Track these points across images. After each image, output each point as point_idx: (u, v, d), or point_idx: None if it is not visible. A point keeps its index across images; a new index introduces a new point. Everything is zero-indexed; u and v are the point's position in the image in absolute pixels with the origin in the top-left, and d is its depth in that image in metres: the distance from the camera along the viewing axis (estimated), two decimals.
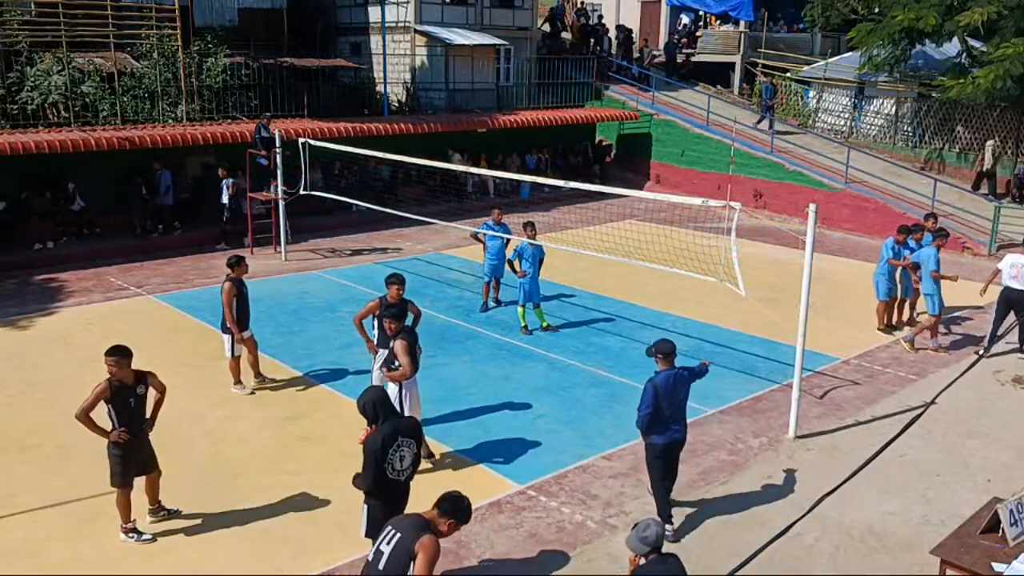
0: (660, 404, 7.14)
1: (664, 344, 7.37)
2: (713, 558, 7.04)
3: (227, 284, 10.07)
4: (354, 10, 26.03)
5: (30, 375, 10.83)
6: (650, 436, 7.28)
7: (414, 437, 6.20)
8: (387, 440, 5.98)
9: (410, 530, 4.85)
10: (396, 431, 6.05)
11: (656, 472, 7.40)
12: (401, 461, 6.06)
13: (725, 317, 13.30)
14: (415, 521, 4.95)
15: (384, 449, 5.96)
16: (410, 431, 6.20)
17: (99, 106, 18.35)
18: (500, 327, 12.94)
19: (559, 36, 31.05)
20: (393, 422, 6.11)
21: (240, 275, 10.22)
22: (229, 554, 7.06)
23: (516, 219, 20.46)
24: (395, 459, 6.02)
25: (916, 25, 20.88)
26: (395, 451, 6.01)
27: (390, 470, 6.01)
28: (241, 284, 10.22)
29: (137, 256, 16.79)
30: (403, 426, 6.18)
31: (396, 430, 6.05)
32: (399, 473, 6.09)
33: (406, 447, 6.08)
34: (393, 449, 5.99)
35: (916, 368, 11.68)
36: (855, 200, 20.82)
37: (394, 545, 4.82)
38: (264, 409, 9.87)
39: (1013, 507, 5.97)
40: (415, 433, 6.28)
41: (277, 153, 16.23)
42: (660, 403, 7.14)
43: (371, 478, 6.00)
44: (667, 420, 7.22)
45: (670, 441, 7.32)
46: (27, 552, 7.03)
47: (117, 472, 7.10)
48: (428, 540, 4.80)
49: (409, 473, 6.19)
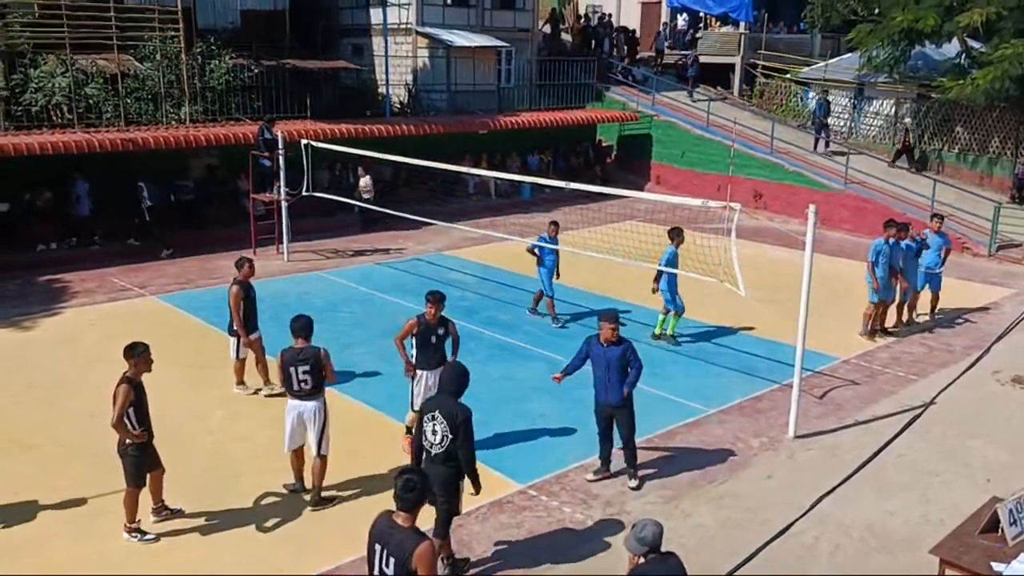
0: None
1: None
2: (713, 557, 7.07)
3: (234, 288, 10.09)
4: (356, 12, 26.06)
5: (33, 375, 10.88)
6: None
7: (447, 416, 6.37)
8: (424, 408, 6.58)
9: (399, 547, 4.68)
10: (433, 404, 6.53)
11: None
12: (434, 434, 6.39)
13: (725, 317, 13.34)
14: (399, 536, 4.72)
15: (420, 417, 6.57)
16: (445, 407, 6.46)
17: (103, 108, 18.41)
18: (501, 327, 12.97)
19: (559, 38, 31.11)
20: (440, 397, 6.63)
21: (247, 277, 10.23)
22: (232, 554, 7.10)
23: (516, 219, 20.57)
24: (427, 430, 6.42)
25: (915, 26, 20.92)
26: (427, 422, 6.43)
27: (425, 440, 6.45)
28: (248, 287, 10.23)
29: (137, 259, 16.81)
30: (441, 401, 6.53)
31: (434, 403, 6.55)
32: (431, 446, 6.43)
33: (436, 422, 6.37)
34: (426, 420, 6.45)
35: (916, 368, 11.72)
36: (855, 201, 20.85)
37: (395, 569, 4.69)
38: (266, 408, 9.91)
39: (1012, 507, 5.99)
40: (451, 412, 6.43)
41: (280, 154, 16.28)
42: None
43: (418, 442, 6.64)
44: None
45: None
46: (29, 551, 7.06)
47: (133, 472, 7.12)
48: (423, 551, 4.63)
49: (441, 450, 6.39)
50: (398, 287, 15.03)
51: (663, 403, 10.11)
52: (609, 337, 7.89)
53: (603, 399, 8.09)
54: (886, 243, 12.52)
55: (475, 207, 21.88)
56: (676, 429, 9.58)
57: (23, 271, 15.54)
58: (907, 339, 12.90)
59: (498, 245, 17.67)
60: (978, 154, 22.31)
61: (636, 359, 7.99)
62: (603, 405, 8.13)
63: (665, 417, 9.71)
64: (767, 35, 28.94)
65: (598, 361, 8.00)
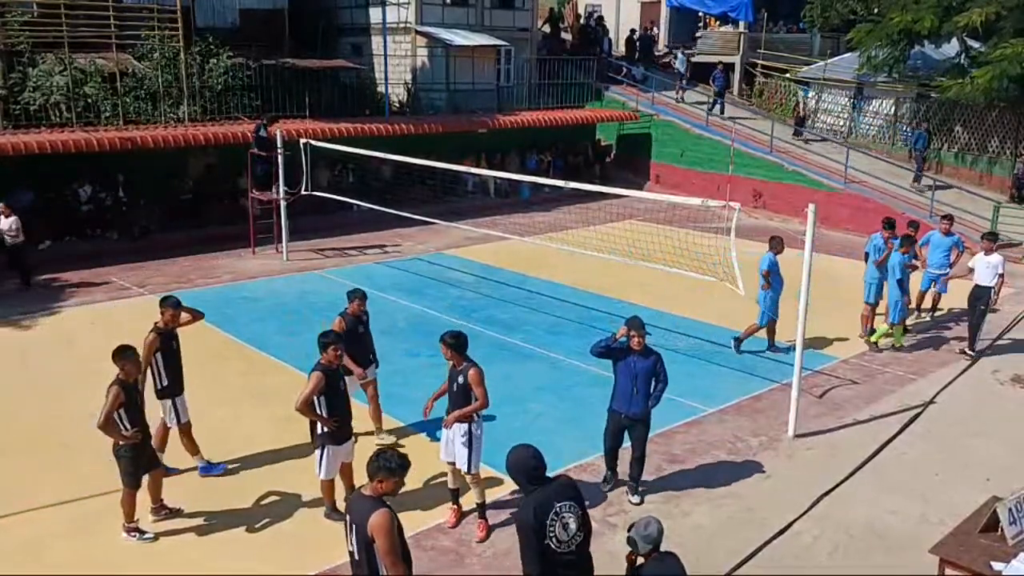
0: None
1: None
2: (713, 557, 7.07)
3: (337, 318, 8.83)
4: (355, 11, 26.05)
5: (33, 375, 10.87)
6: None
7: (573, 499, 5.17)
8: (540, 510, 5.00)
9: (360, 515, 4.76)
10: (548, 497, 5.06)
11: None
12: (565, 529, 5.05)
13: (724, 316, 13.34)
14: (362, 504, 4.82)
15: (540, 522, 4.97)
16: (566, 493, 5.18)
17: (101, 107, 18.39)
18: (501, 327, 12.97)
19: (559, 37, 31.10)
20: (542, 488, 5.12)
21: (355, 314, 8.94)
22: (231, 553, 7.10)
23: (516, 219, 20.59)
24: (556, 529, 5.02)
25: (913, 27, 20.93)
26: (553, 521, 5.01)
27: (554, 543, 5.01)
28: (354, 320, 8.87)
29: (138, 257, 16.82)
30: (555, 489, 5.16)
31: (548, 496, 5.07)
32: (568, 544, 5.06)
33: (568, 512, 5.08)
34: (551, 519, 5.01)
35: (915, 367, 11.72)
36: (854, 200, 20.86)
37: (356, 540, 4.79)
38: (266, 408, 9.90)
39: (1012, 506, 5.99)
40: (574, 494, 5.22)
41: (279, 154, 16.27)
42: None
43: (533, 560, 4.97)
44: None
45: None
46: (29, 551, 7.06)
47: (130, 472, 7.12)
48: (376, 520, 4.68)
49: (580, 539, 5.13)
50: (398, 286, 15.02)
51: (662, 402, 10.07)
52: (639, 346, 7.64)
53: (623, 409, 7.76)
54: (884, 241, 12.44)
55: (474, 206, 21.88)
56: (675, 428, 9.57)
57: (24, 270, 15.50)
58: (907, 338, 12.88)
59: (497, 244, 17.68)
60: (977, 154, 22.31)
61: (665, 374, 7.73)
62: (621, 415, 7.81)
63: (664, 416, 9.66)
64: (766, 34, 28.95)
65: (626, 370, 7.66)
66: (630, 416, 7.78)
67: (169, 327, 8.11)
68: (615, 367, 7.79)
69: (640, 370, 7.64)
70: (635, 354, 7.65)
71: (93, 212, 17.70)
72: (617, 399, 7.84)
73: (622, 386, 7.75)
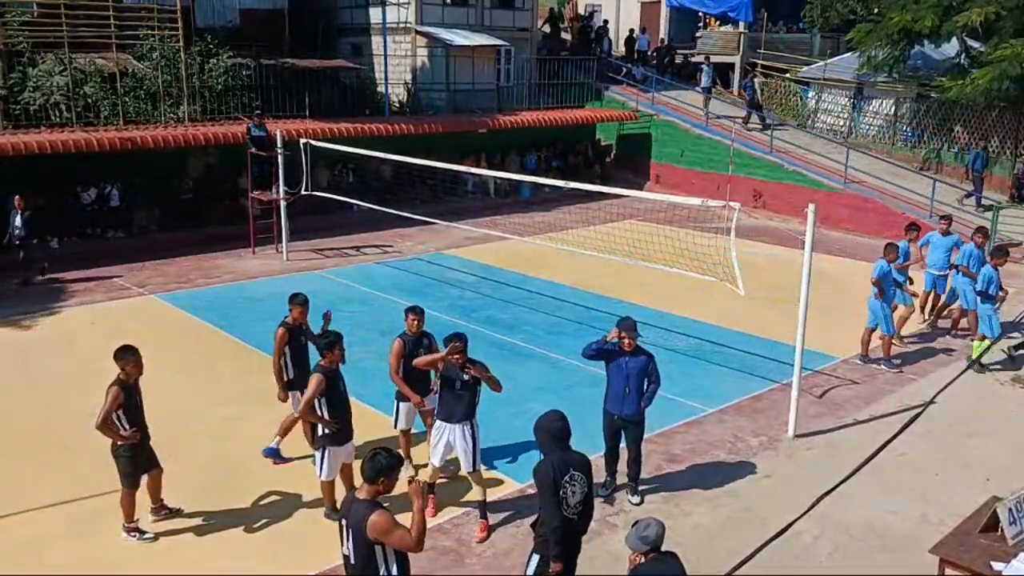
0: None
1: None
2: (713, 557, 7.07)
3: (396, 342, 8.18)
4: (355, 11, 26.05)
5: (33, 375, 10.87)
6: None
7: (586, 473, 5.62)
8: (558, 468, 5.48)
9: (357, 519, 4.78)
10: (567, 461, 5.55)
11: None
12: (573, 495, 5.51)
13: (724, 316, 13.34)
14: (358, 507, 4.84)
15: (557, 479, 5.46)
16: (583, 464, 5.64)
17: (101, 107, 18.39)
18: (501, 327, 12.97)
19: (559, 36, 31.09)
20: (564, 451, 5.60)
21: (413, 332, 8.12)
22: (231, 553, 7.10)
23: (516, 219, 20.59)
24: (567, 491, 5.49)
25: (913, 27, 20.92)
26: (567, 483, 5.48)
27: (564, 504, 5.48)
28: (414, 342, 8.13)
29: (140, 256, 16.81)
30: (576, 457, 5.65)
31: (567, 460, 5.56)
32: (572, 511, 5.54)
33: (578, 482, 5.54)
34: (567, 480, 5.48)
35: (916, 367, 11.72)
36: (854, 200, 20.86)
37: (352, 543, 4.82)
38: (266, 408, 9.89)
39: (1012, 506, 5.99)
40: (588, 470, 5.66)
41: (279, 153, 16.27)
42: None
43: (555, 512, 5.42)
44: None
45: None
46: (29, 551, 7.05)
47: (128, 473, 7.13)
48: (378, 522, 4.70)
49: (580, 510, 5.60)
50: (397, 286, 15.03)
51: (662, 402, 10.01)
52: (630, 347, 7.66)
53: (617, 410, 7.77)
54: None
55: (474, 206, 21.87)
56: (675, 428, 9.58)
57: (24, 270, 15.49)
58: (907, 338, 12.89)
59: (497, 244, 17.68)
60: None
61: (657, 374, 7.75)
62: (615, 417, 7.81)
63: (664, 416, 9.69)
64: (766, 34, 28.94)
65: (618, 371, 7.68)
66: (623, 417, 7.79)
67: (297, 323, 8.49)
68: (607, 368, 7.81)
69: (632, 371, 7.65)
70: (627, 355, 7.66)
71: (94, 212, 17.69)
72: (610, 400, 7.85)
73: (614, 387, 7.78)
